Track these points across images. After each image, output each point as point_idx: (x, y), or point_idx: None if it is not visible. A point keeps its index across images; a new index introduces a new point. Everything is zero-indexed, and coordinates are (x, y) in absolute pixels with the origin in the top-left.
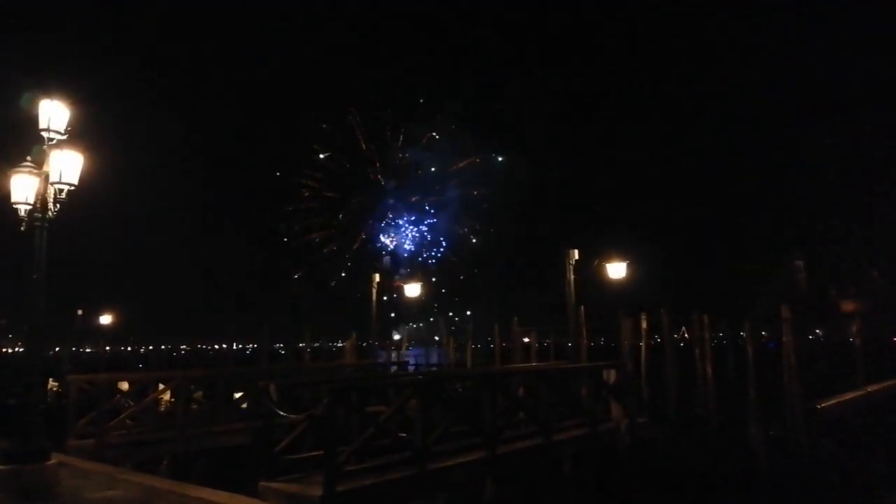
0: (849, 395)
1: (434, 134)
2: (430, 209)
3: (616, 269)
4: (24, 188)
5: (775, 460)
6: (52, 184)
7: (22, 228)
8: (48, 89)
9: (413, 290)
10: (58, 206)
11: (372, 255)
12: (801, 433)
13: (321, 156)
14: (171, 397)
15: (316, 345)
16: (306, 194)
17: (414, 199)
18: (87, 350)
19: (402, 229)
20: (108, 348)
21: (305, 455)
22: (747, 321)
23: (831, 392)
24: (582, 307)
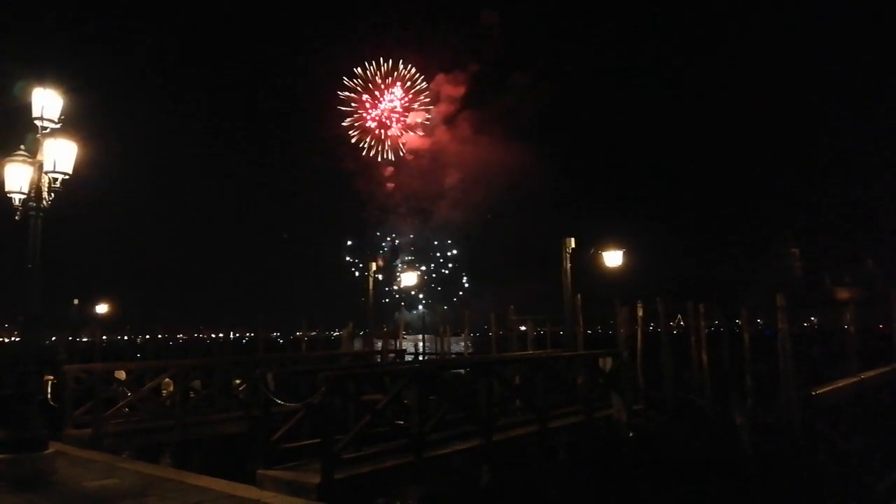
0: (843, 382)
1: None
2: (432, 200)
3: (613, 258)
4: (18, 177)
5: (766, 446)
6: (46, 173)
7: (16, 218)
8: (42, 77)
9: (410, 278)
10: (52, 195)
11: (373, 244)
12: (796, 419)
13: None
14: (168, 386)
15: (313, 334)
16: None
17: (414, 187)
18: (84, 339)
19: (403, 218)
20: (104, 337)
21: (303, 443)
22: (743, 309)
23: (826, 379)
24: (578, 296)
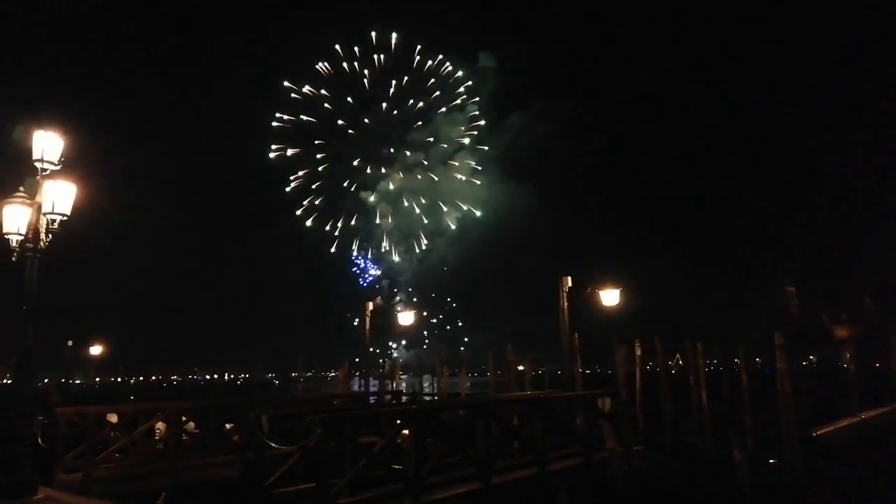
0: (844, 422)
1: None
2: (427, 237)
3: (609, 297)
4: (16, 218)
5: (765, 486)
6: (44, 214)
7: (13, 258)
8: (42, 120)
9: (406, 318)
10: (50, 236)
11: (368, 282)
12: (797, 460)
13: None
14: (161, 429)
15: (309, 374)
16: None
17: (409, 226)
18: (77, 381)
19: (398, 256)
20: (97, 379)
21: (298, 487)
22: (741, 348)
23: (827, 418)
24: (576, 335)
